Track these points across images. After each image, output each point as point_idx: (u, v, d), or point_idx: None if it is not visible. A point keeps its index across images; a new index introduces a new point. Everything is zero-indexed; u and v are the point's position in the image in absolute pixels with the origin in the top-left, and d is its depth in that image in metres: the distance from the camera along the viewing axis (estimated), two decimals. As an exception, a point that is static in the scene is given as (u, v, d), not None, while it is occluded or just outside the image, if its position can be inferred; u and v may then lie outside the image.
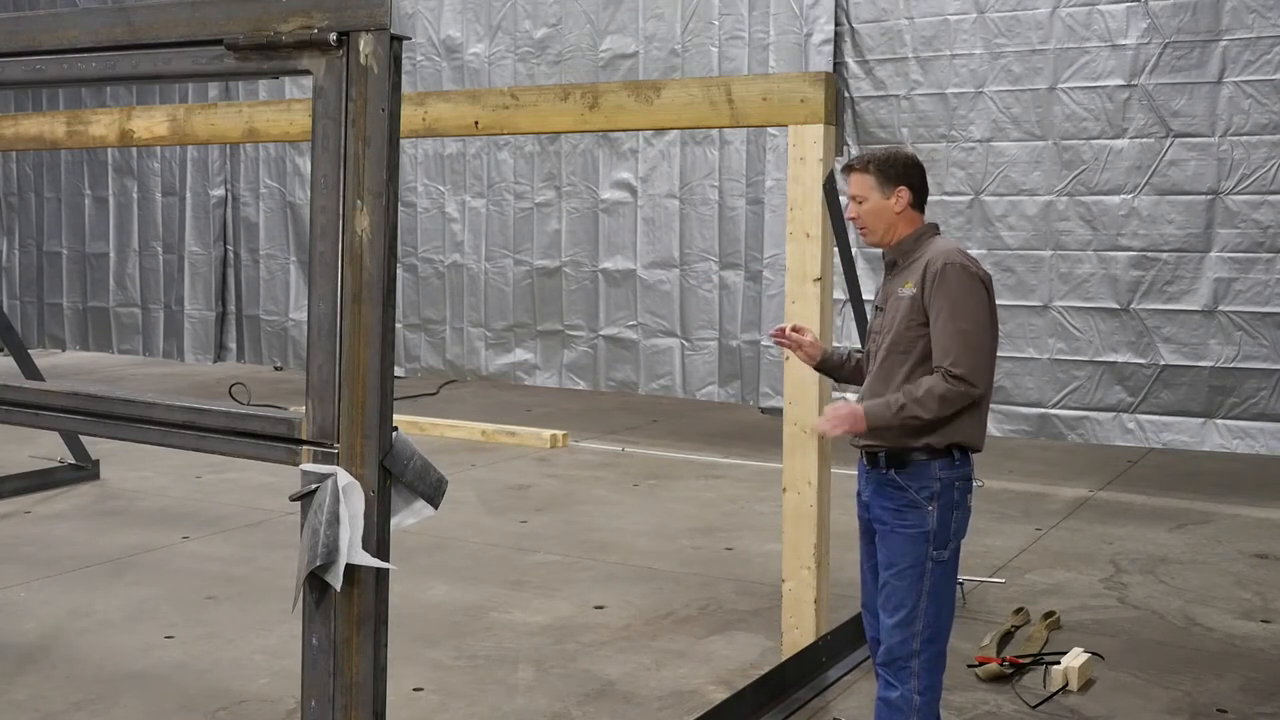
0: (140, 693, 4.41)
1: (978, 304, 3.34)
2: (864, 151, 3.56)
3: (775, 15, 8.42)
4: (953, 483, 3.38)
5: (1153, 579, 5.85)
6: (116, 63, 2.68)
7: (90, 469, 7.94)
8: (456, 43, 9.78)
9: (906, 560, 3.37)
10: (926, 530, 3.36)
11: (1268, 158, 7.06)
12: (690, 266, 8.91)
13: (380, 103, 2.35)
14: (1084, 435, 7.65)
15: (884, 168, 3.48)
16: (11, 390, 3.09)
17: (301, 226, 10.62)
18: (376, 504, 2.42)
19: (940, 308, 3.31)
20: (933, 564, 3.36)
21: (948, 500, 3.37)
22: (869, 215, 3.50)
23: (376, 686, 2.46)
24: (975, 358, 3.29)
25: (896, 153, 3.55)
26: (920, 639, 3.38)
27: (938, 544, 3.36)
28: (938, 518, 3.36)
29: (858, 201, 3.51)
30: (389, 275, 2.39)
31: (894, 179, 3.47)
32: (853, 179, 3.54)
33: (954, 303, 3.30)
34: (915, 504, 3.36)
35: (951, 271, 3.32)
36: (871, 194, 3.48)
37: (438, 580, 5.76)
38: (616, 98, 4.97)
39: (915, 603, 3.36)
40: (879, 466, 3.43)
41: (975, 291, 3.35)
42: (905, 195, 3.48)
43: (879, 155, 3.52)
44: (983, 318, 3.35)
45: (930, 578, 3.37)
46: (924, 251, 3.44)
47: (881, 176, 3.47)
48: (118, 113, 6.53)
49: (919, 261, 3.41)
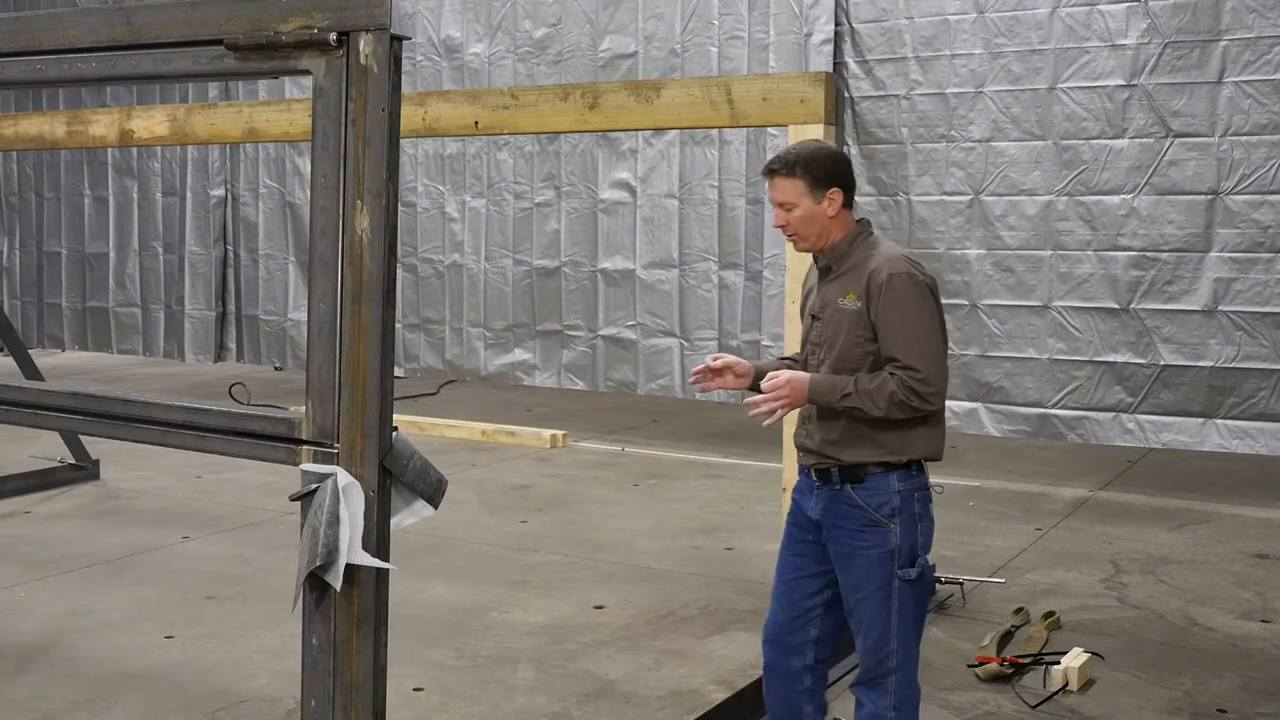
0: (140, 693, 4.41)
1: (929, 313, 3.22)
2: (788, 153, 3.28)
3: (775, 15, 8.42)
4: (912, 494, 3.22)
5: (1153, 579, 5.85)
6: (116, 63, 2.68)
7: (90, 469, 7.94)
8: (456, 43, 9.78)
9: (873, 583, 3.20)
10: (890, 549, 3.18)
11: (1268, 158, 7.06)
12: (690, 266, 8.91)
13: (380, 103, 2.35)
14: (1084, 435, 7.65)
15: (814, 170, 3.23)
16: (11, 390, 3.08)
17: (301, 226, 10.62)
18: (376, 504, 2.42)
19: (892, 323, 3.15)
20: (900, 583, 3.20)
21: (909, 514, 3.21)
22: (801, 223, 3.26)
23: (376, 686, 2.46)
24: (937, 372, 3.16)
25: (824, 151, 3.30)
26: (896, 656, 3.23)
27: (904, 562, 3.19)
28: (901, 534, 3.19)
29: (786, 208, 3.26)
30: (389, 275, 2.38)
31: (825, 181, 3.23)
32: (778, 184, 3.26)
33: (907, 316, 3.15)
34: (875, 523, 3.19)
35: (899, 283, 3.16)
36: (802, 200, 3.23)
37: (438, 580, 5.76)
38: (616, 98, 4.97)
39: (887, 622, 3.21)
40: (831, 483, 3.25)
41: (925, 300, 3.22)
42: (838, 197, 3.25)
43: (807, 156, 3.25)
44: (936, 328, 3.23)
45: (899, 596, 3.20)
46: (862, 256, 3.25)
47: (812, 180, 3.23)
48: (118, 113, 6.53)
49: (859, 269, 3.23)
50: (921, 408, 3.13)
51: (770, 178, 3.28)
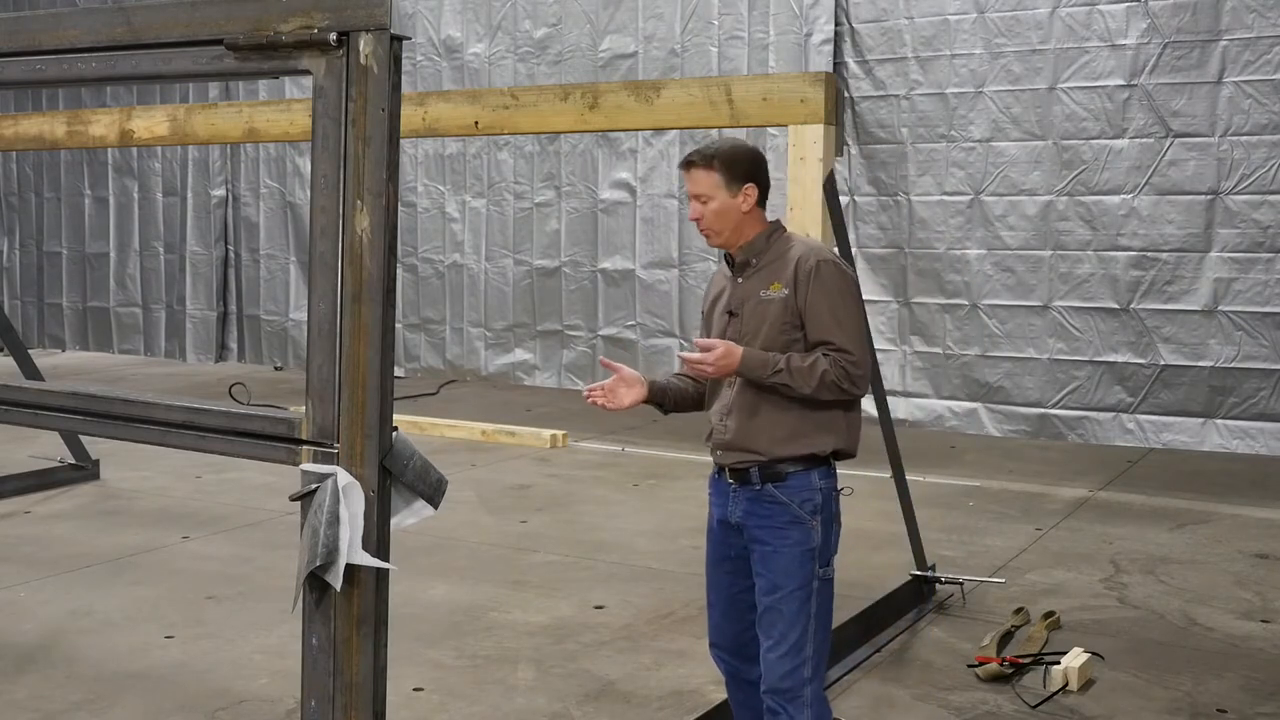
0: (140, 693, 4.41)
1: (856, 302, 3.22)
2: (707, 146, 3.25)
3: (775, 15, 8.43)
4: (831, 492, 3.22)
5: (1153, 579, 5.85)
6: (116, 63, 2.68)
7: (90, 469, 7.94)
8: (456, 43, 9.79)
9: (794, 581, 3.16)
10: (812, 547, 3.16)
11: (1268, 158, 7.07)
12: (689, 266, 8.91)
13: (380, 103, 2.35)
14: (1084, 435, 7.65)
15: (731, 164, 3.20)
16: (11, 390, 3.08)
17: (302, 226, 10.62)
18: (376, 504, 2.42)
19: (821, 307, 3.12)
20: (819, 583, 3.17)
21: (829, 513, 3.21)
22: (715, 216, 3.22)
23: (376, 686, 2.46)
24: (866, 359, 3.15)
25: (741, 147, 3.28)
26: (810, 665, 3.17)
27: (823, 560, 3.18)
28: (821, 533, 3.18)
29: (701, 201, 3.23)
30: (389, 275, 2.38)
31: (741, 176, 3.21)
32: (695, 176, 3.23)
33: (836, 301, 3.14)
34: (799, 519, 3.17)
35: (828, 269, 3.15)
36: (718, 193, 3.21)
37: (438, 580, 5.76)
38: (616, 98, 4.97)
39: (804, 626, 3.16)
40: (750, 483, 3.22)
41: (853, 289, 3.22)
42: (753, 193, 3.23)
43: (725, 150, 3.22)
44: (861, 316, 3.22)
45: (817, 598, 3.17)
46: (781, 251, 3.23)
47: (729, 174, 3.20)
48: (118, 113, 6.53)
49: (781, 261, 3.20)
50: (851, 391, 3.12)
51: (687, 170, 3.26)
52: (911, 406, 8.10)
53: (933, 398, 8.06)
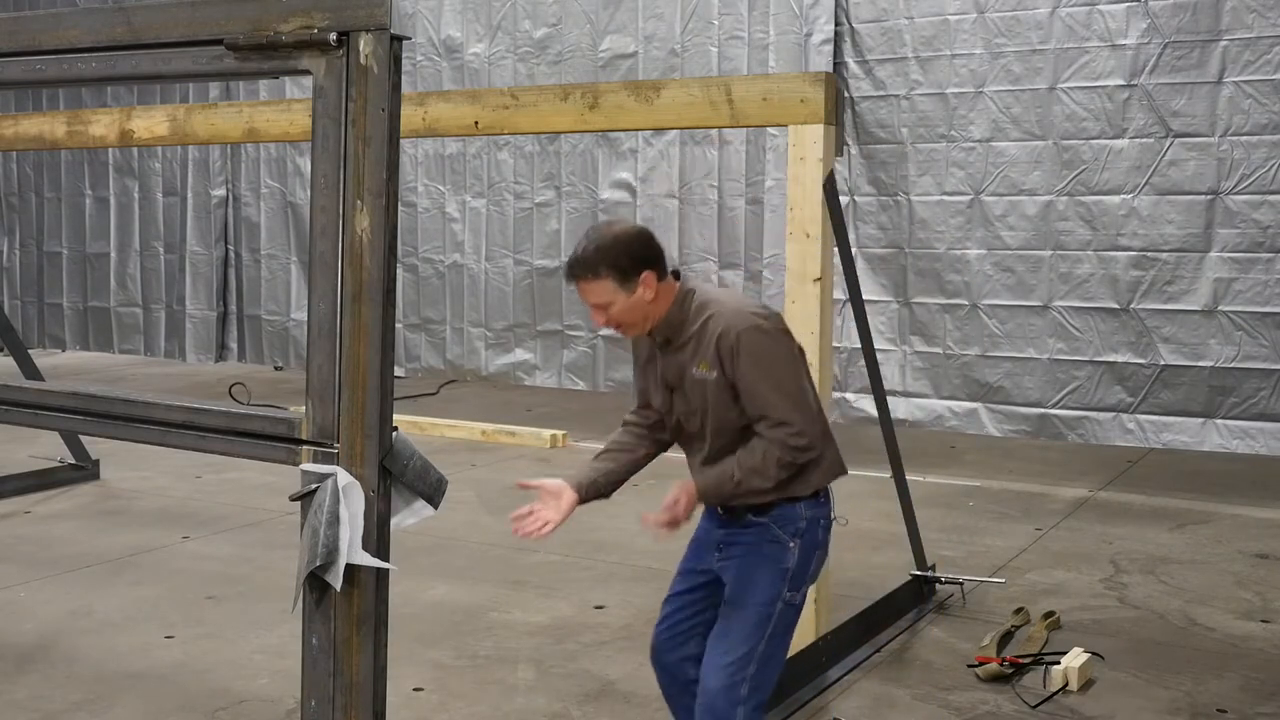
0: (140, 693, 4.41)
1: (786, 359, 3.10)
2: (584, 252, 3.02)
3: (775, 15, 8.42)
4: (817, 520, 3.17)
5: (1153, 579, 5.85)
6: (116, 63, 2.68)
7: (90, 469, 7.94)
8: (456, 43, 9.78)
9: (756, 598, 3.10)
10: (786, 567, 3.12)
11: (1268, 158, 7.06)
12: (689, 266, 8.90)
13: (380, 103, 2.35)
14: (1084, 435, 7.65)
15: (616, 265, 3.00)
16: (11, 390, 3.09)
17: (302, 226, 10.62)
18: (376, 504, 2.42)
19: (750, 380, 3.02)
20: (784, 605, 3.12)
21: (811, 540, 3.16)
22: (623, 315, 3.07)
23: (376, 686, 2.47)
24: (805, 416, 3.07)
25: (621, 239, 3.04)
26: (749, 684, 3.07)
27: (793, 584, 3.13)
28: (799, 557, 3.13)
29: (602, 308, 3.06)
30: (389, 275, 2.39)
31: (632, 269, 3.01)
32: (585, 289, 3.04)
33: (764, 369, 3.02)
34: (778, 539, 3.13)
35: (748, 340, 3.01)
36: (616, 296, 3.03)
37: (438, 580, 5.76)
38: (616, 98, 4.97)
39: (755, 645, 3.08)
40: (737, 516, 3.19)
41: (779, 346, 3.09)
42: (651, 279, 3.04)
43: (607, 252, 3.01)
44: (795, 372, 3.11)
45: (777, 620, 3.11)
46: (700, 320, 3.08)
47: (619, 275, 3.01)
48: (118, 113, 6.53)
49: (700, 335, 3.07)
50: (802, 459, 3.07)
51: (575, 283, 3.07)
52: (911, 406, 8.10)
53: (933, 398, 8.06)
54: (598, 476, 3.32)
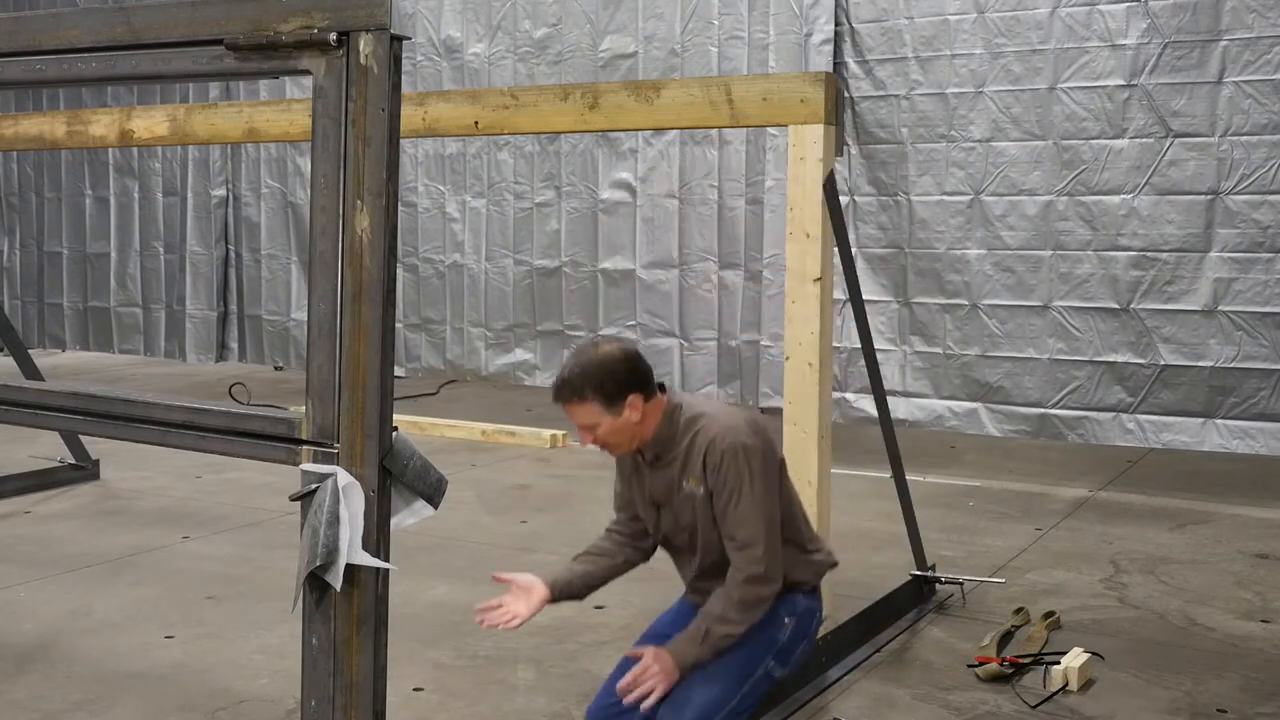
0: (140, 693, 4.41)
1: (764, 477, 3.06)
2: (571, 374, 3.03)
3: (775, 15, 8.42)
4: (812, 612, 3.23)
5: (1153, 579, 5.85)
6: (116, 63, 2.68)
7: (90, 469, 7.94)
8: (456, 43, 9.78)
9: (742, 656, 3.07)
10: (776, 640, 3.13)
11: (1268, 158, 7.06)
12: (689, 266, 8.91)
13: (380, 103, 2.35)
14: (1084, 435, 7.65)
15: (602, 389, 3.01)
16: (11, 390, 3.09)
17: (303, 226, 10.62)
18: (376, 504, 2.42)
19: (724, 501, 3.02)
20: (764, 673, 3.11)
21: (804, 627, 3.19)
22: (609, 436, 3.07)
23: (376, 686, 2.47)
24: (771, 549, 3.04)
25: (608, 363, 3.03)
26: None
27: (779, 658, 3.14)
28: (790, 635, 3.15)
29: (589, 430, 3.06)
30: (389, 275, 2.39)
31: (619, 393, 3.02)
32: (572, 411, 3.05)
33: (737, 491, 3.01)
34: (775, 613, 3.13)
35: (729, 460, 3.00)
36: (602, 419, 3.03)
37: (438, 580, 5.76)
38: (616, 98, 4.97)
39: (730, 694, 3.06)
40: None
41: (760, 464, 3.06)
42: (638, 402, 3.04)
43: (593, 377, 3.01)
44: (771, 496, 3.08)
45: (754, 685, 3.10)
46: (689, 436, 3.08)
47: (605, 399, 3.02)
48: (118, 113, 6.53)
49: (690, 450, 3.07)
50: (767, 591, 3.05)
51: (562, 405, 3.08)
52: (911, 406, 8.10)
53: (933, 398, 8.06)
54: (573, 578, 3.32)
